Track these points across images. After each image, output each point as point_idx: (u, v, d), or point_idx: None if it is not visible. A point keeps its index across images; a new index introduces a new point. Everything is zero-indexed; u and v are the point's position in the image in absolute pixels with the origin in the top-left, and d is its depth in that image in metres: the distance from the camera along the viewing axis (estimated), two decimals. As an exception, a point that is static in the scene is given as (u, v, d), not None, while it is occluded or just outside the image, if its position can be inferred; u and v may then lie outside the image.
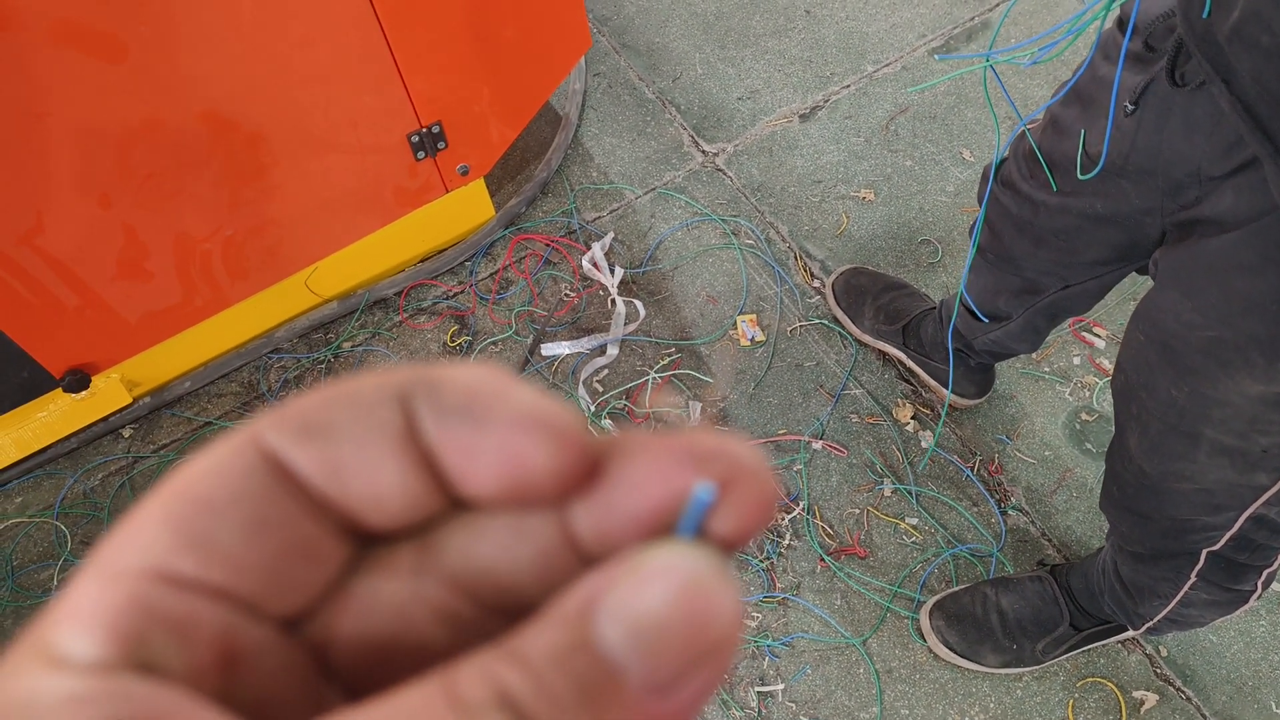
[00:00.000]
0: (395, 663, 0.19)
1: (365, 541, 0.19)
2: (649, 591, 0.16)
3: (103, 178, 1.46)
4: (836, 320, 1.83)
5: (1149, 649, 1.51)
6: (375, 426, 0.18)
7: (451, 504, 0.19)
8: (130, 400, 1.77)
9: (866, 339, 1.78)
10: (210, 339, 1.80)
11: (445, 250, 1.95)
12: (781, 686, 1.50)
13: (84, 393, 1.70)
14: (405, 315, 1.89)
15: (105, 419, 1.78)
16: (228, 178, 1.58)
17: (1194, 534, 1.09)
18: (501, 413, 0.18)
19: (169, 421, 1.81)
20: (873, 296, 1.78)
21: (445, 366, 0.19)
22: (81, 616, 0.16)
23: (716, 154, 2.08)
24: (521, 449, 0.18)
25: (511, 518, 0.19)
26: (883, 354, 1.79)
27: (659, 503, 0.18)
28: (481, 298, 1.90)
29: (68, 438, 1.76)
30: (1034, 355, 1.78)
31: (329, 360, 1.84)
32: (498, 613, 0.19)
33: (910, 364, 1.74)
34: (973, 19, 2.27)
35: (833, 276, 1.85)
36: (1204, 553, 1.11)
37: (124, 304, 1.64)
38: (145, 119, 1.44)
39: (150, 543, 0.17)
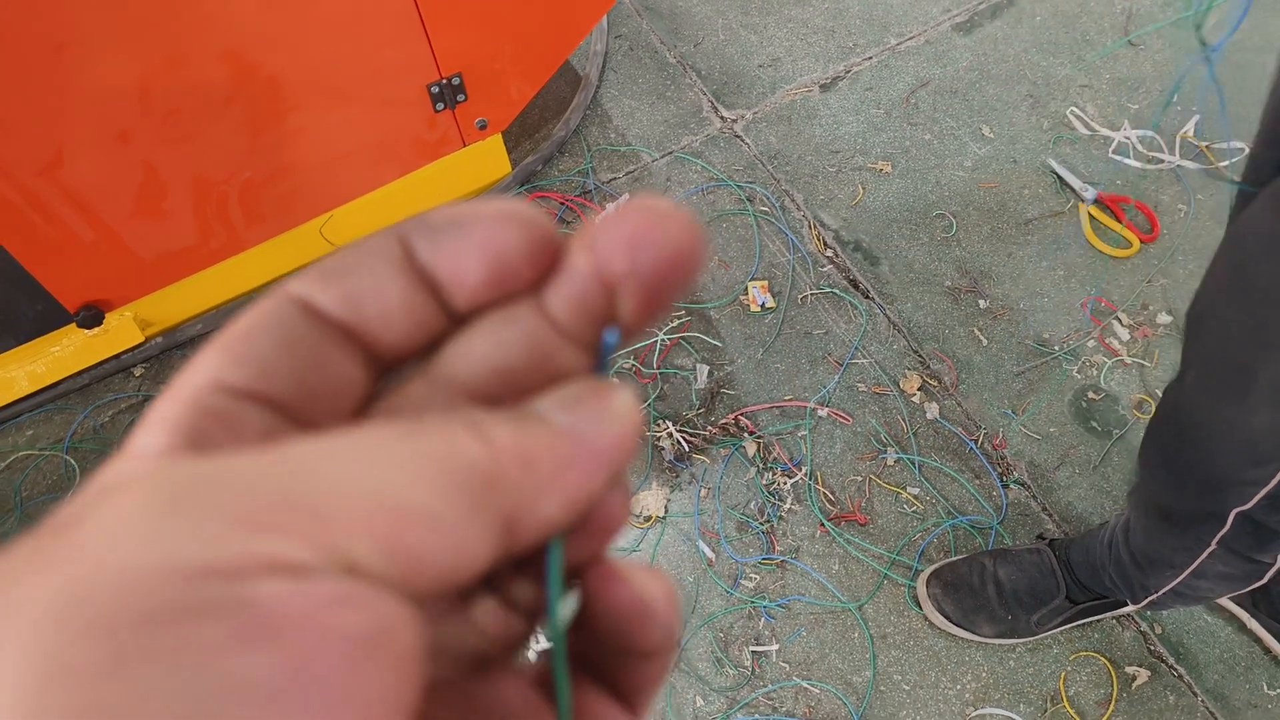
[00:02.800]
0: None
1: (383, 372, 0.23)
2: (566, 387, 0.21)
3: (123, 113, 1.47)
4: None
5: (1143, 626, 1.52)
6: (380, 260, 0.22)
7: (451, 322, 0.22)
8: (143, 339, 1.78)
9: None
10: (224, 282, 1.81)
11: (460, 205, 1.95)
12: (776, 647, 1.51)
13: (97, 329, 1.71)
14: (418, 267, 1.89)
15: (117, 356, 1.79)
16: (247, 121, 1.58)
17: (1230, 489, 1.07)
18: (479, 216, 0.22)
19: (179, 362, 1.82)
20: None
21: (434, 208, 0.22)
22: (153, 423, 0.20)
23: (735, 120, 2.08)
24: (499, 238, 0.22)
25: (499, 317, 0.22)
26: (895, 325, 1.79)
27: (611, 274, 0.22)
28: (494, 253, 1.90)
29: (80, 373, 1.78)
30: (1045, 334, 1.78)
31: (341, 309, 1.85)
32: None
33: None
34: (999, -5, 2.25)
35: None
36: (1232, 514, 1.09)
37: (140, 242, 1.65)
38: (167, 56, 1.44)
39: (204, 366, 0.20)
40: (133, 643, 0.14)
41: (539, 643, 0.24)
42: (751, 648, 1.51)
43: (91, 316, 1.68)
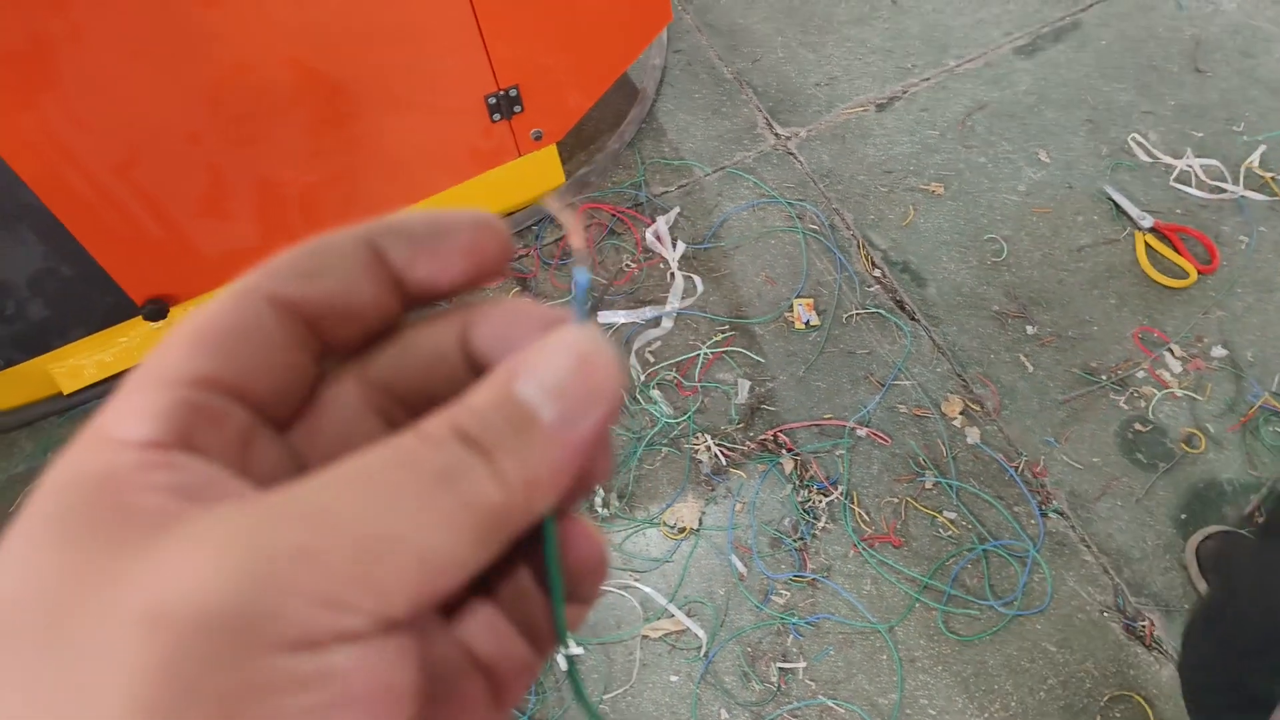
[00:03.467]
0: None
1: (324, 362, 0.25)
2: (552, 359, 0.22)
3: (193, 116, 1.53)
4: (1196, 591, 1.54)
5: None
6: (353, 262, 0.23)
7: (402, 312, 0.25)
8: (204, 334, 1.85)
9: None
10: (283, 281, 1.86)
11: (513, 213, 1.99)
12: (803, 665, 1.52)
13: (162, 322, 1.78)
14: (470, 273, 1.93)
15: (180, 350, 1.86)
16: (310, 126, 1.64)
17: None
18: (456, 223, 0.24)
19: (239, 357, 1.88)
20: None
21: (394, 213, 0.25)
22: (137, 411, 0.20)
23: (789, 138, 2.09)
24: (477, 239, 0.24)
25: (425, 335, 0.25)
26: (940, 348, 1.79)
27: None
28: (545, 262, 1.94)
29: (144, 364, 1.85)
30: (1093, 363, 1.76)
31: (393, 311, 1.90)
32: (414, 413, 0.24)
33: None
34: (1063, 19, 2.23)
35: (1198, 538, 1.57)
36: None
37: (205, 240, 1.71)
38: (237, 62, 1.50)
39: (183, 359, 0.21)
40: (236, 709, 0.17)
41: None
42: (779, 664, 1.52)
43: (157, 310, 1.75)
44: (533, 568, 0.26)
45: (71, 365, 1.77)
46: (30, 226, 1.54)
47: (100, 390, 1.83)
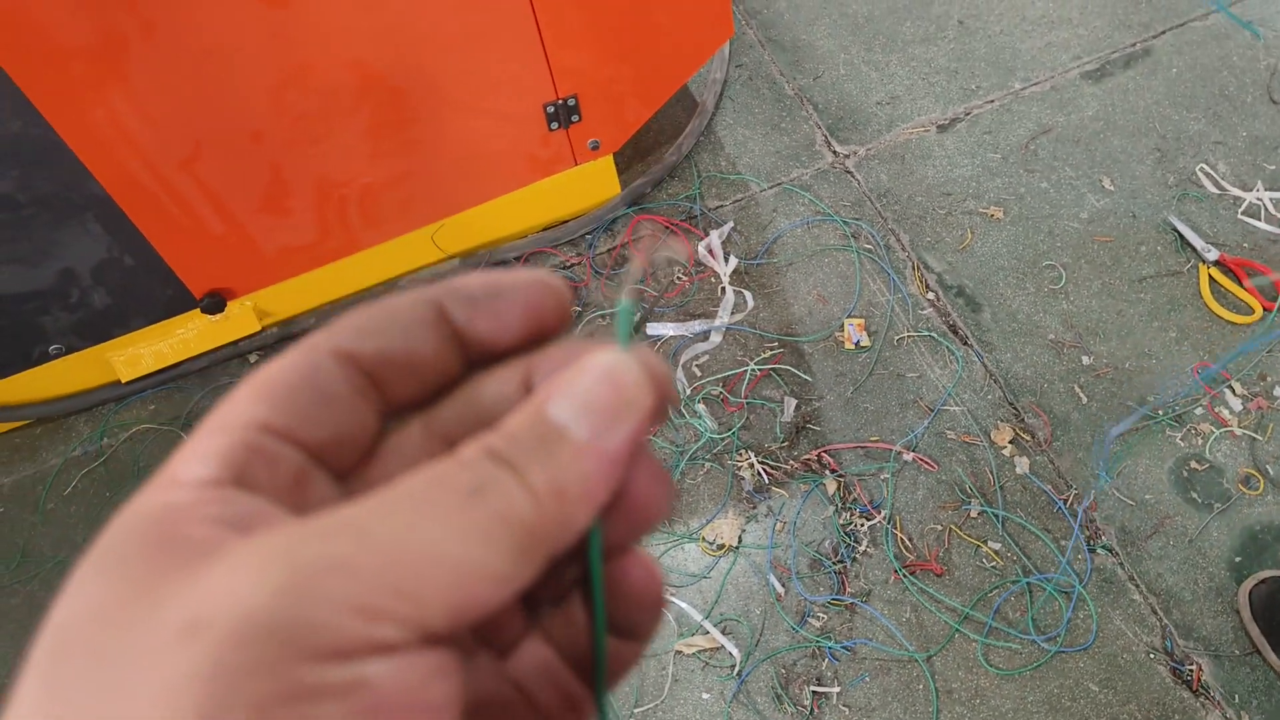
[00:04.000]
0: None
1: (386, 417, 0.26)
2: (581, 379, 0.23)
3: (257, 115, 1.56)
4: (1250, 639, 1.50)
5: (1229, 712, 1.45)
6: (416, 321, 0.25)
7: (463, 371, 0.26)
8: (259, 328, 1.88)
9: None
10: (338, 280, 1.89)
11: (568, 221, 2.00)
12: (837, 689, 1.50)
13: (219, 315, 1.81)
14: (522, 279, 1.94)
15: (235, 343, 1.89)
16: (371, 128, 1.66)
17: None
18: (515, 283, 0.26)
19: (292, 353, 1.91)
20: None
21: (457, 275, 0.26)
22: (198, 453, 0.22)
23: (848, 156, 2.07)
24: (536, 299, 0.26)
25: (488, 384, 0.26)
26: (992, 374, 1.76)
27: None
28: (596, 271, 1.94)
29: (200, 356, 1.88)
30: (1150, 397, 1.72)
31: (445, 314, 1.91)
32: None
33: None
34: (1134, 44, 2.19)
35: (1251, 583, 1.53)
36: None
37: (264, 236, 1.74)
38: (302, 63, 1.53)
39: (245, 408, 0.22)
40: (269, 716, 0.17)
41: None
42: (812, 687, 1.50)
43: (215, 303, 1.79)
44: (588, 605, 0.26)
45: (130, 354, 1.82)
46: (96, 217, 1.58)
47: (157, 379, 1.87)
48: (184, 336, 1.84)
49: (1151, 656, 1.50)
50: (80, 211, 1.56)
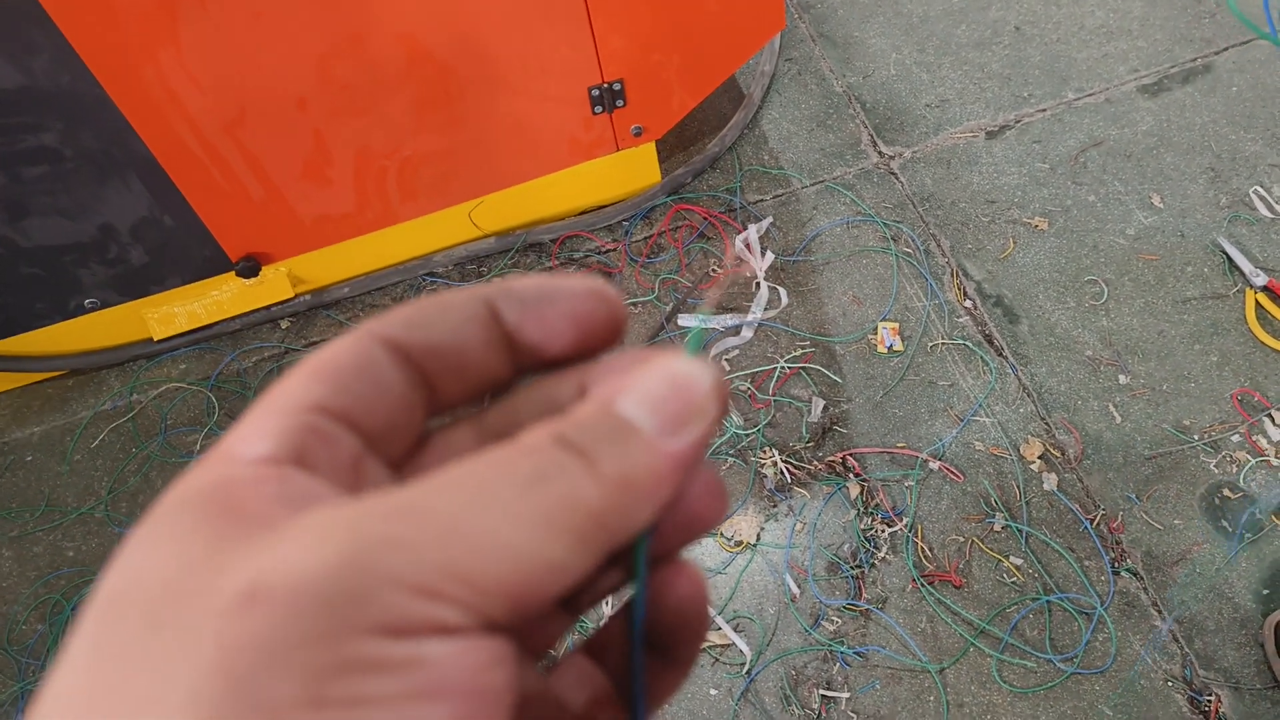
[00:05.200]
0: None
1: (432, 415, 0.26)
2: (651, 379, 0.22)
3: (303, 83, 1.56)
4: (1273, 674, 1.46)
5: (1245, 747, 1.43)
6: (466, 317, 0.24)
7: (513, 376, 0.26)
8: (292, 295, 1.89)
9: None
10: (373, 252, 1.90)
11: (606, 207, 1.99)
12: (847, 695, 1.49)
13: (254, 279, 1.82)
14: (556, 261, 1.94)
15: (268, 308, 1.90)
16: (415, 102, 1.66)
17: None
18: (566, 289, 0.25)
19: (323, 321, 1.92)
20: None
21: (512, 277, 0.26)
22: (256, 432, 0.22)
23: (893, 157, 2.05)
24: (588, 310, 0.25)
25: (542, 388, 0.26)
26: (1026, 388, 1.73)
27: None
28: (632, 258, 1.93)
29: (233, 318, 1.89)
30: (1186, 421, 1.69)
31: (477, 292, 1.91)
32: None
33: None
34: (1194, 60, 2.14)
35: (1277, 616, 1.48)
36: None
37: (302, 204, 1.75)
38: (351, 35, 1.52)
39: (303, 389, 0.22)
40: (323, 686, 0.17)
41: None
42: (822, 691, 1.49)
43: (250, 268, 1.80)
44: (629, 618, 0.26)
45: (164, 312, 1.83)
46: (138, 175, 1.59)
47: (189, 339, 1.88)
48: (218, 298, 1.85)
49: (1170, 685, 1.47)
50: (123, 169, 1.58)
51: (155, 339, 1.86)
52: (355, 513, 0.19)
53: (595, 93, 1.74)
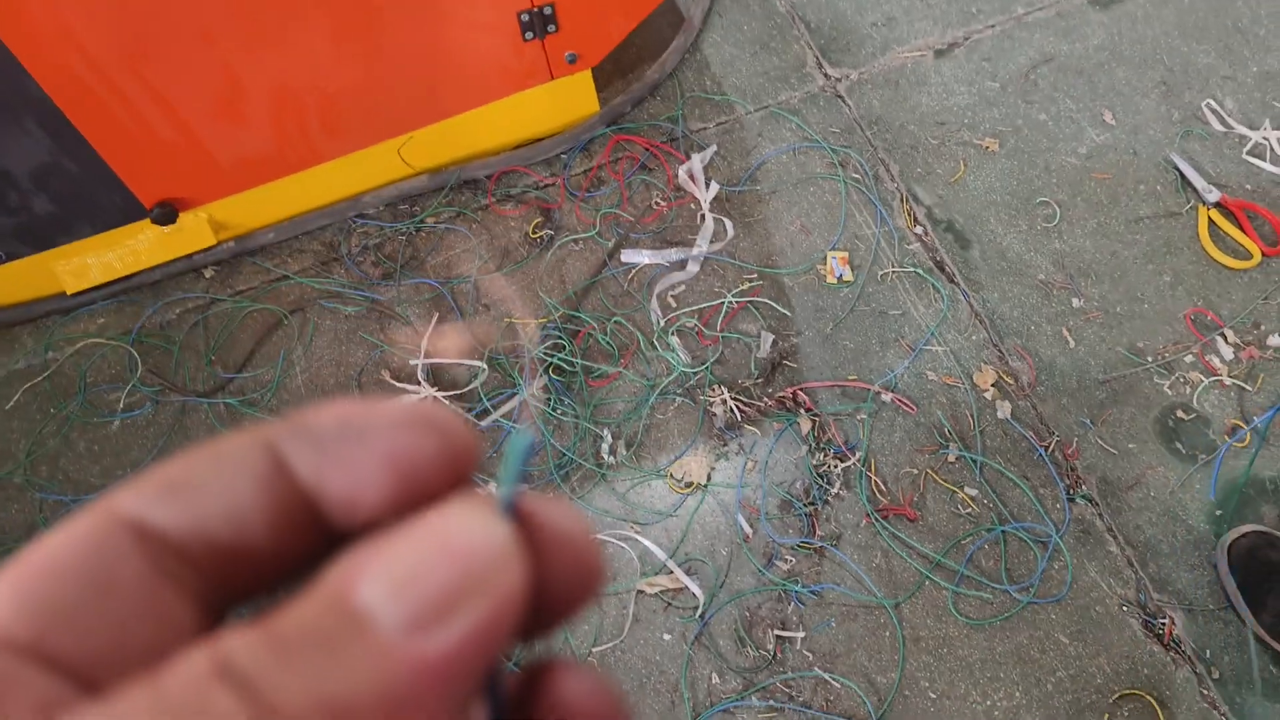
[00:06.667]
0: None
1: (225, 608, 0.19)
2: (411, 548, 0.16)
3: (207, 13, 1.45)
4: (1226, 594, 1.46)
5: (1199, 668, 1.42)
6: (239, 472, 0.18)
7: (316, 547, 0.19)
8: (215, 242, 1.79)
9: (1262, 634, 1.41)
10: (298, 194, 1.80)
11: (542, 140, 1.90)
12: (802, 634, 1.46)
13: (171, 226, 1.72)
14: (493, 199, 1.86)
15: (189, 256, 1.81)
16: (332, 33, 1.55)
17: None
18: (380, 418, 0.19)
19: (249, 269, 1.83)
20: None
21: (307, 410, 0.19)
22: None
23: (839, 79, 1.97)
24: (409, 442, 0.18)
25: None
26: (978, 315, 1.69)
27: None
28: (571, 193, 1.85)
29: (152, 269, 1.80)
30: (1140, 343, 1.66)
31: (411, 233, 1.83)
32: None
33: None
34: (1146, -30, 2.08)
35: (1231, 537, 1.47)
36: None
37: (217, 145, 1.64)
38: (253, -42, 1.42)
39: None
40: None
41: None
42: (776, 631, 1.46)
43: (166, 214, 1.70)
44: None
45: (77, 264, 1.73)
46: (34, 117, 1.48)
47: (106, 292, 1.79)
48: (134, 247, 1.75)
49: (1124, 610, 1.46)
50: (16, 111, 1.46)
51: (69, 292, 1.76)
52: None
53: (525, 18, 1.64)
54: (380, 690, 0.15)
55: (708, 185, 1.83)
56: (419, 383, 1.66)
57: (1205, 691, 1.41)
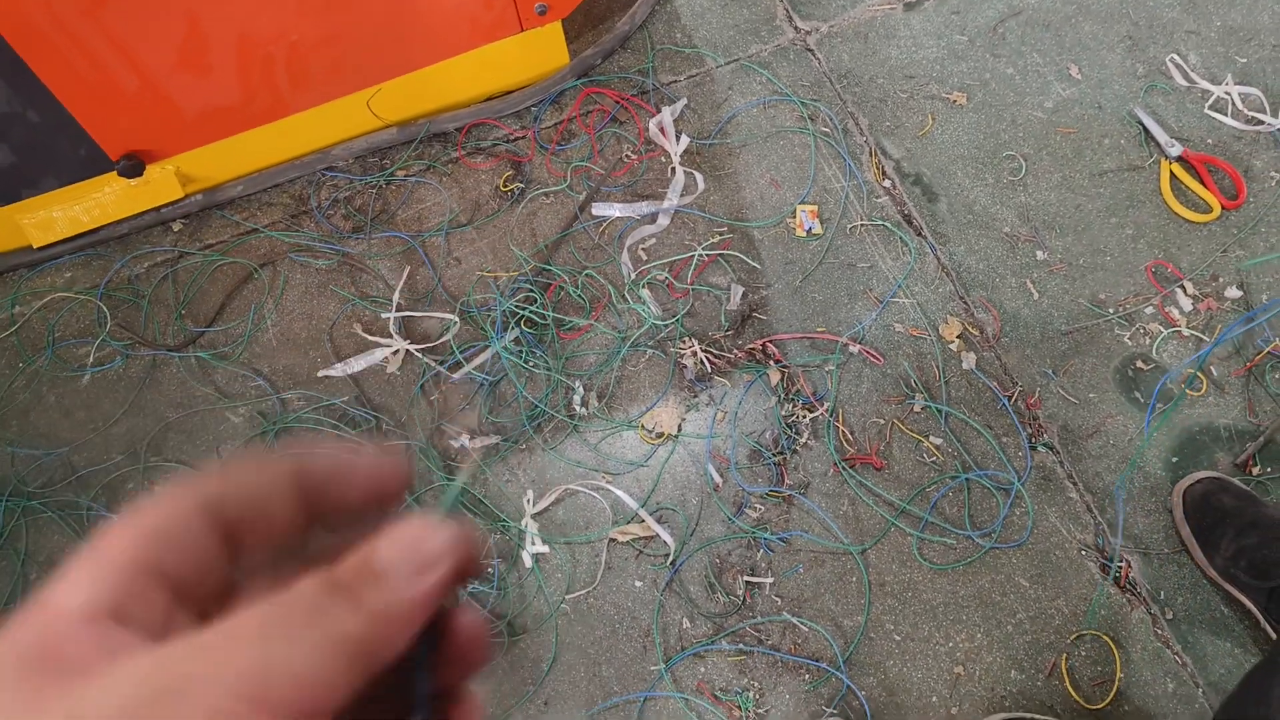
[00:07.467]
0: None
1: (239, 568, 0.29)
2: (401, 537, 0.27)
3: (169, -39, 1.43)
4: (1180, 538, 1.52)
5: (1154, 609, 1.47)
6: (275, 486, 0.29)
7: (309, 529, 0.30)
8: (182, 195, 1.78)
9: (1214, 577, 1.48)
10: (267, 146, 1.78)
11: (512, 93, 1.90)
12: (771, 580, 1.49)
13: (138, 179, 1.71)
14: (463, 152, 1.85)
15: (157, 209, 1.79)
16: (297, -20, 1.53)
17: None
18: (362, 468, 0.30)
19: (218, 222, 1.82)
20: (1237, 531, 1.44)
21: (313, 449, 0.30)
22: (79, 584, 0.24)
23: (809, 32, 1.97)
24: (378, 478, 0.31)
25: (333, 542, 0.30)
26: (945, 267, 1.71)
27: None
28: (541, 146, 1.85)
29: (120, 222, 1.78)
30: (1102, 295, 1.69)
31: (380, 186, 1.82)
32: None
33: (1275, 634, 1.43)
34: (1114, -76, 2.08)
35: (1186, 483, 1.53)
36: None
37: (183, 96, 1.63)
38: (217, -96, 1.39)
39: (121, 548, 0.25)
40: None
41: None
42: (746, 578, 1.49)
43: (132, 166, 1.68)
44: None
45: (43, 218, 1.71)
46: (-6, 67, 1.45)
47: (74, 245, 1.77)
48: (100, 200, 1.73)
49: (1083, 554, 1.51)
50: (-25, 60, 1.44)
51: (35, 246, 1.74)
52: (161, 656, 0.22)
53: (494, -33, 1.63)
54: (401, 604, 0.25)
55: (678, 138, 1.83)
56: (390, 335, 1.67)
57: (1159, 631, 1.46)
